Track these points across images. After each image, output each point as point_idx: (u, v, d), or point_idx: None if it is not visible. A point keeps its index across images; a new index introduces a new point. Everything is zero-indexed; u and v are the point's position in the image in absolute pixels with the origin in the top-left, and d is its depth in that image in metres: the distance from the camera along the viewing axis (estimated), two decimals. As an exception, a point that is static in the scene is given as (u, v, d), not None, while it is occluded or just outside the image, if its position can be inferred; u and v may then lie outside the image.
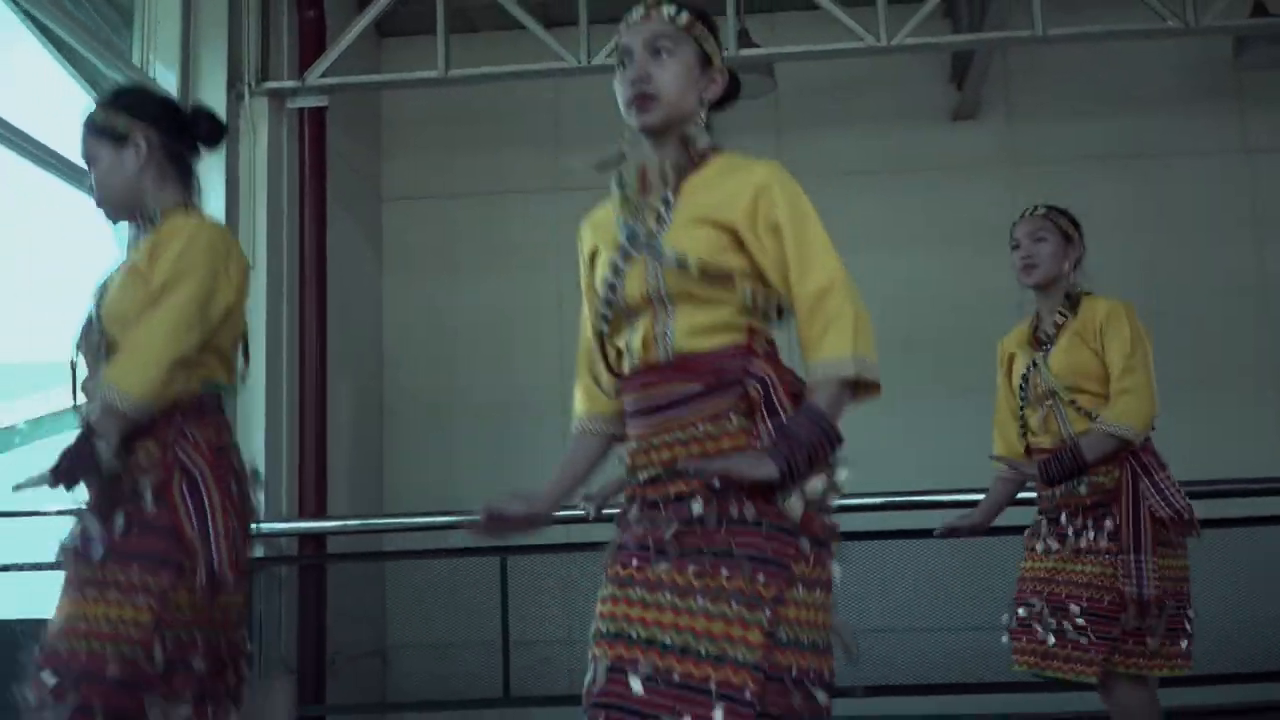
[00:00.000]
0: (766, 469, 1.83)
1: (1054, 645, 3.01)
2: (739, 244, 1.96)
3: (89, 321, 2.41)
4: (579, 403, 2.22)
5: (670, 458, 1.95)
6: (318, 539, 5.49)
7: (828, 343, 1.89)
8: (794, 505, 1.85)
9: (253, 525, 2.43)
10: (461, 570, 5.35)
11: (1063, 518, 3.11)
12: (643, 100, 2.03)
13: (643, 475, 2.00)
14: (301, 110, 5.64)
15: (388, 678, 6.06)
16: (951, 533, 3.34)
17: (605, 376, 2.12)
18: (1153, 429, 3.09)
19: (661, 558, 1.88)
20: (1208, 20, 5.29)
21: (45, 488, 2.24)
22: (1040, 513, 3.22)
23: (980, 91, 6.39)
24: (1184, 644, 3.00)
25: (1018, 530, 3.36)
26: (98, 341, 2.38)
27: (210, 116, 2.58)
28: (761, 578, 1.81)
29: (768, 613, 1.80)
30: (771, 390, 1.91)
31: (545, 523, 2.16)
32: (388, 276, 6.83)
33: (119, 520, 2.25)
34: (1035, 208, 3.27)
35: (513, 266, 6.69)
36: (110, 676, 2.17)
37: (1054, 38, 5.39)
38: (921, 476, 4.83)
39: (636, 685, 1.81)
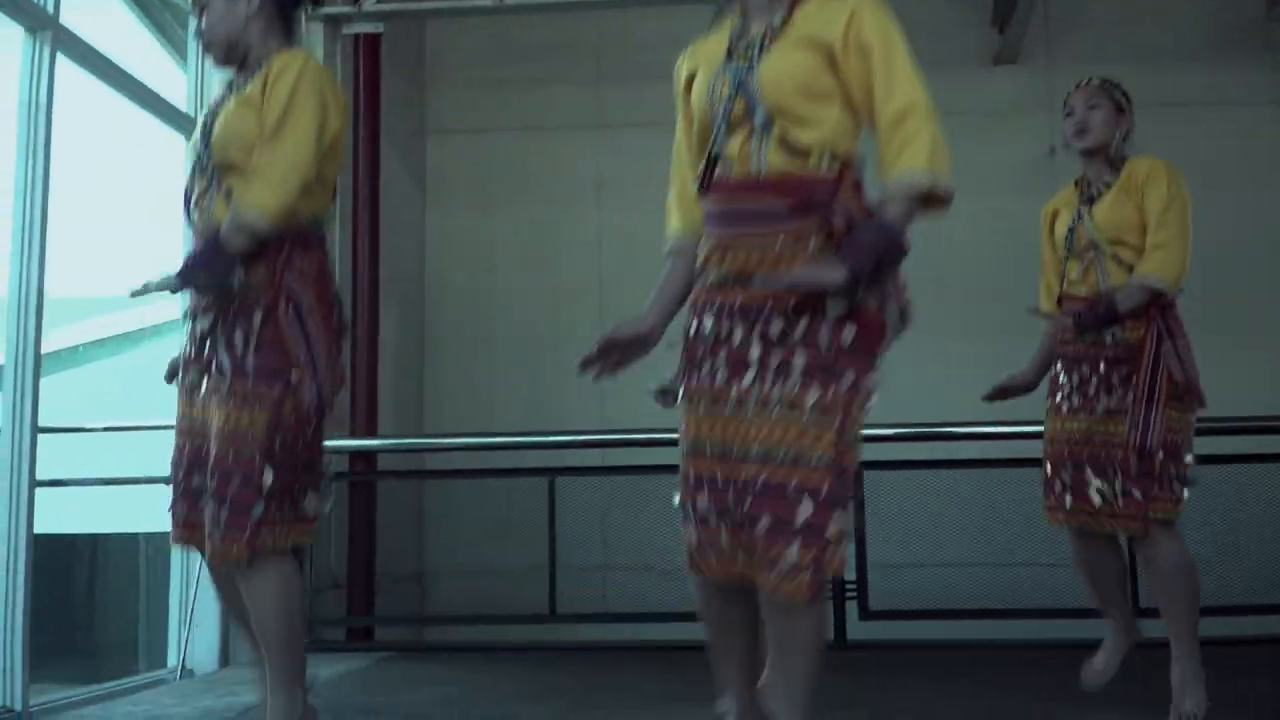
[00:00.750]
0: (834, 275, 1.97)
1: (1101, 504, 3.17)
2: (834, 66, 2.10)
3: (199, 151, 2.62)
4: (673, 222, 2.34)
5: (744, 266, 2.10)
6: (368, 458, 5.68)
7: (905, 158, 2.03)
8: (836, 307, 2.02)
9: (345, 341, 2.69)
10: (504, 492, 5.57)
11: (1085, 369, 3.24)
12: None
13: (712, 276, 2.14)
14: (355, 38, 5.74)
15: (428, 595, 6.29)
16: (1001, 393, 3.41)
17: (694, 188, 2.24)
18: (1180, 290, 3.20)
19: (744, 371, 2.06)
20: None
21: (166, 292, 2.56)
22: (1061, 368, 3.33)
23: (1022, 36, 6.43)
24: (1175, 489, 3.14)
25: (1036, 463, 3.49)
26: (209, 166, 2.59)
27: None
28: (833, 389, 2.01)
29: (839, 420, 2.01)
30: (854, 224, 2.05)
31: (654, 344, 2.28)
32: (430, 208, 6.97)
33: (238, 336, 2.51)
34: (1090, 78, 3.39)
35: (554, 201, 6.82)
36: (231, 471, 2.47)
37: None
38: (952, 414, 4.99)
39: (731, 497, 2.03)
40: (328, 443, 5.24)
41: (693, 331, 2.18)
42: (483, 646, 5.21)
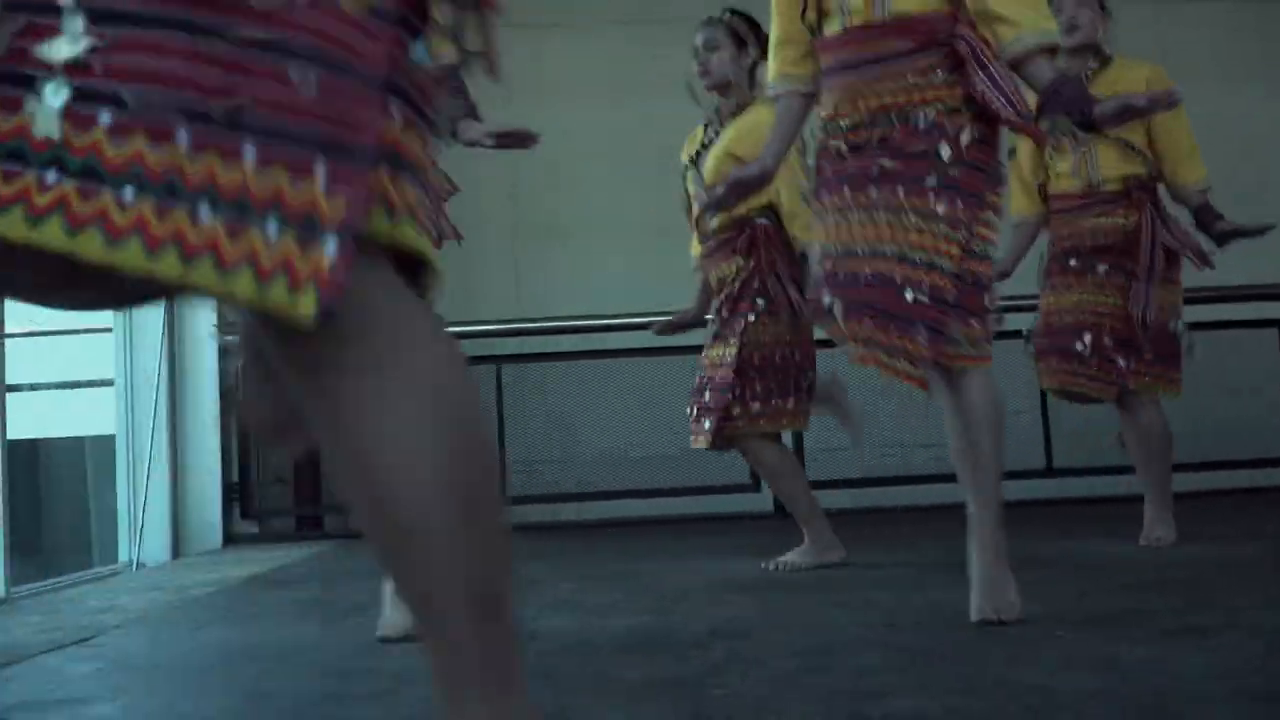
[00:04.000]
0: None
1: (1083, 366, 3.50)
2: None
3: None
4: (774, 72, 2.59)
5: (879, 105, 2.33)
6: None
7: (1032, 18, 2.28)
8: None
9: None
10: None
11: (1082, 255, 3.53)
12: None
13: (845, 122, 2.38)
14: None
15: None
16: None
17: (797, 34, 2.50)
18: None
19: (875, 185, 2.30)
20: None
21: None
22: (1059, 253, 3.60)
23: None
24: (1175, 370, 3.52)
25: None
26: None
27: None
28: (960, 204, 2.26)
29: (965, 232, 2.27)
30: (977, 48, 2.28)
31: (770, 181, 2.59)
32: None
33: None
34: None
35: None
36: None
37: None
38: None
39: (874, 293, 2.29)
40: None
41: (824, 159, 2.42)
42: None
